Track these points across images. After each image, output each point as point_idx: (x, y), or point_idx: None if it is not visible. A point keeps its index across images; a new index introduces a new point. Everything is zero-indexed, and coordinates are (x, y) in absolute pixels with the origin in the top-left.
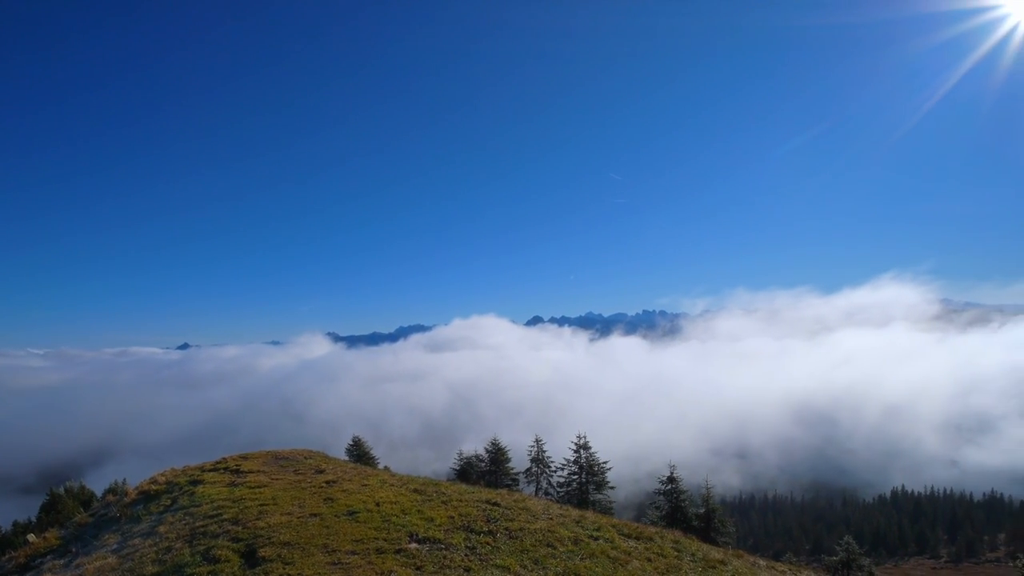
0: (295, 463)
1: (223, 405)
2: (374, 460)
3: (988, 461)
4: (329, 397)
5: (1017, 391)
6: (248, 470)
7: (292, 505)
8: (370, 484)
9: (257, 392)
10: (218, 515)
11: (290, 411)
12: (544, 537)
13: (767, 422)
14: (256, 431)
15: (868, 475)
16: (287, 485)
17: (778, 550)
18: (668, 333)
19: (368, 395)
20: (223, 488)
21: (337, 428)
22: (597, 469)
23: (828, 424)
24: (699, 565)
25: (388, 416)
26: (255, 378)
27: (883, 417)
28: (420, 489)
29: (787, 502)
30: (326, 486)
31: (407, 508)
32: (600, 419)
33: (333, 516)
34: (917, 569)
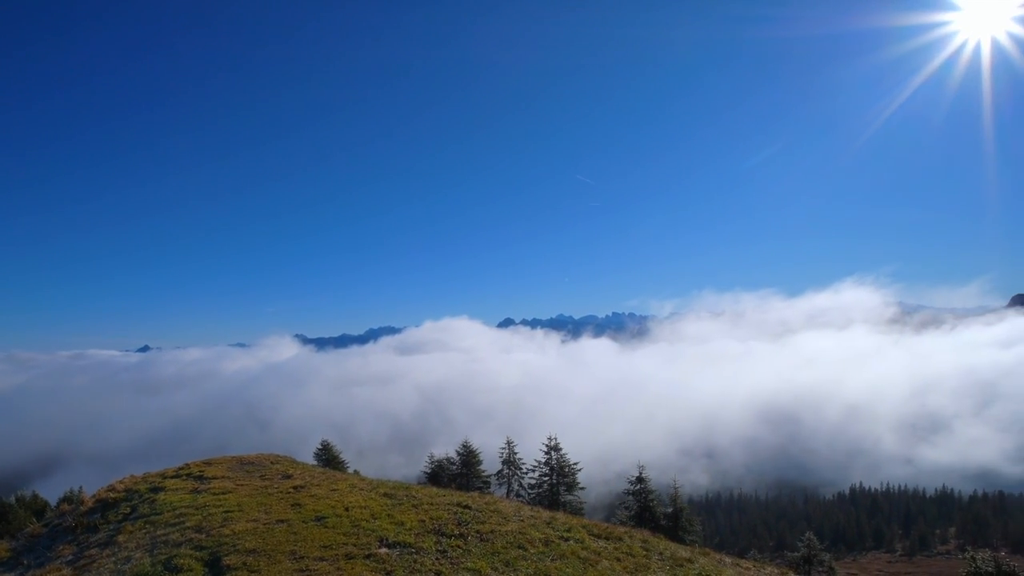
0: (261, 468)
1: (184, 410)
2: (343, 464)
3: (942, 459)
4: (296, 402)
5: (968, 391)
6: (212, 476)
7: (258, 511)
8: (339, 489)
9: (220, 397)
10: (180, 523)
11: (255, 417)
12: (515, 539)
13: (733, 422)
14: (218, 438)
15: (829, 473)
16: (253, 491)
17: (743, 547)
18: (637, 335)
19: (336, 399)
20: (186, 495)
21: (304, 434)
22: (568, 470)
23: (792, 424)
24: (667, 563)
25: (357, 421)
26: (218, 382)
27: (844, 417)
28: (390, 493)
29: (752, 500)
30: (294, 491)
31: (377, 512)
32: (571, 421)
33: (301, 522)
34: (874, 563)
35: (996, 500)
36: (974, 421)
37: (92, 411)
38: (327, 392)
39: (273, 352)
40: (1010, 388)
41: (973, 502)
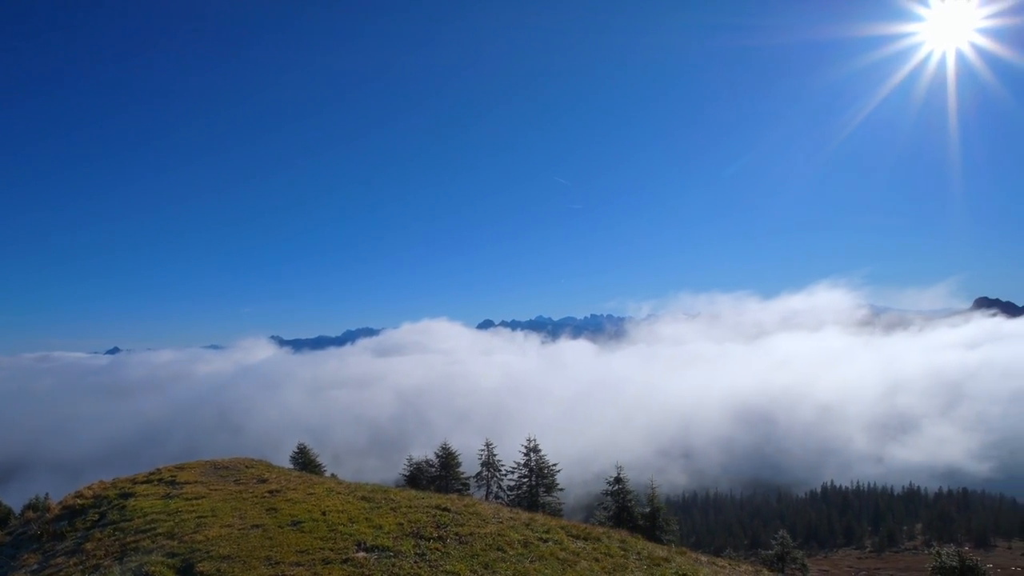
0: (236, 472)
1: (153, 415)
2: (320, 468)
3: (911, 458)
4: (270, 406)
5: (936, 391)
6: (185, 481)
7: (232, 516)
8: (316, 493)
9: (191, 401)
10: (151, 529)
11: (227, 421)
12: (494, 541)
13: (710, 423)
14: (188, 443)
15: (803, 472)
16: (227, 496)
17: (719, 546)
18: (615, 337)
19: (312, 403)
20: (157, 501)
21: (278, 439)
22: (547, 471)
23: (766, 424)
24: (645, 563)
25: (333, 425)
26: (190, 385)
27: (817, 417)
28: (368, 496)
29: (727, 499)
30: (269, 496)
31: (355, 516)
32: (550, 422)
33: (277, 527)
34: (845, 559)
35: (960, 497)
36: (941, 421)
37: (58, 415)
38: (303, 395)
39: (248, 354)
40: (975, 389)
41: (938, 499)
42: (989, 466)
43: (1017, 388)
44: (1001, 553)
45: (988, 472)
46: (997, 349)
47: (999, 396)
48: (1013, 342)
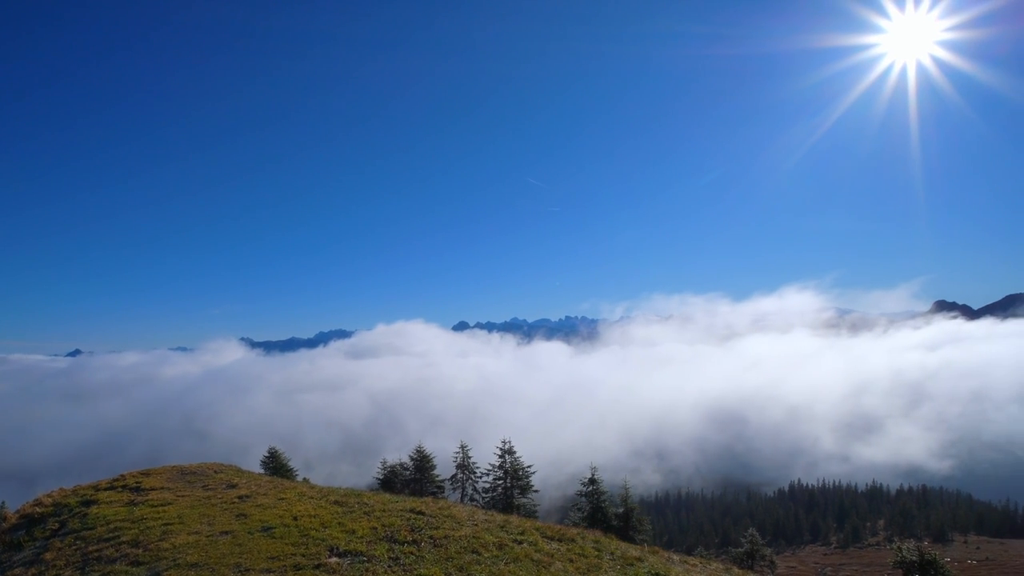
0: (204, 478)
1: (114, 420)
2: (292, 472)
3: (875, 456)
4: (238, 410)
5: (899, 392)
6: (150, 487)
7: (200, 523)
8: (287, 498)
9: (156, 405)
10: (115, 537)
11: (193, 427)
12: (469, 543)
13: (683, 424)
14: (151, 450)
15: (772, 471)
16: (195, 502)
17: (691, 544)
18: (589, 338)
19: (283, 407)
20: (121, 508)
21: (246, 445)
22: (522, 473)
23: (738, 424)
24: (618, 563)
25: (304, 429)
26: (155, 389)
27: (786, 417)
28: (341, 501)
29: (699, 499)
30: (239, 501)
31: (327, 521)
32: (525, 424)
33: (246, 533)
34: (811, 556)
35: (920, 494)
36: (904, 420)
37: (14, 420)
38: (273, 399)
39: (217, 356)
40: (935, 389)
41: (900, 496)
42: (949, 464)
43: (975, 388)
44: (958, 547)
45: (948, 470)
46: (956, 350)
47: (958, 396)
48: (971, 344)
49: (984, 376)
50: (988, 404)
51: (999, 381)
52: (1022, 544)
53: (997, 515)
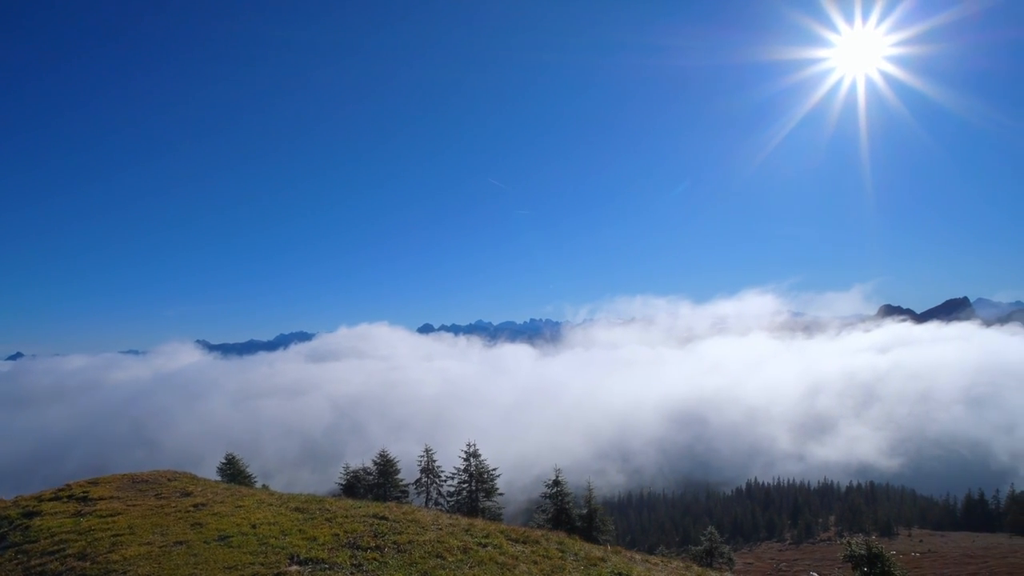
0: (157, 486)
1: (57, 428)
2: (251, 479)
3: (828, 456)
4: (191, 417)
5: (850, 392)
6: (99, 497)
7: (153, 533)
8: (245, 505)
9: (102, 411)
10: (60, 550)
11: (142, 435)
12: (433, 548)
13: (646, 425)
14: (95, 460)
15: (731, 471)
16: (147, 511)
17: (652, 544)
18: (554, 341)
19: (239, 414)
20: (66, 519)
21: (200, 454)
22: (487, 476)
23: (699, 425)
24: (582, 563)
25: (262, 437)
26: (102, 394)
27: (744, 418)
28: (302, 507)
29: (660, 498)
30: (194, 510)
31: (287, 528)
32: (491, 427)
33: (202, 542)
34: (767, 552)
35: (868, 490)
36: (855, 421)
37: None
38: (229, 405)
39: (171, 360)
40: (885, 390)
41: (849, 493)
42: (898, 462)
43: (922, 389)
44: (903, 540)
45: (897, 468)
46: (905, 353)
47: (906, 397)
48: (919, 346)
49: (930, 378)
50: (934, 404)
51: (944, 382)
52: (961, 536)
53: (939, 509)
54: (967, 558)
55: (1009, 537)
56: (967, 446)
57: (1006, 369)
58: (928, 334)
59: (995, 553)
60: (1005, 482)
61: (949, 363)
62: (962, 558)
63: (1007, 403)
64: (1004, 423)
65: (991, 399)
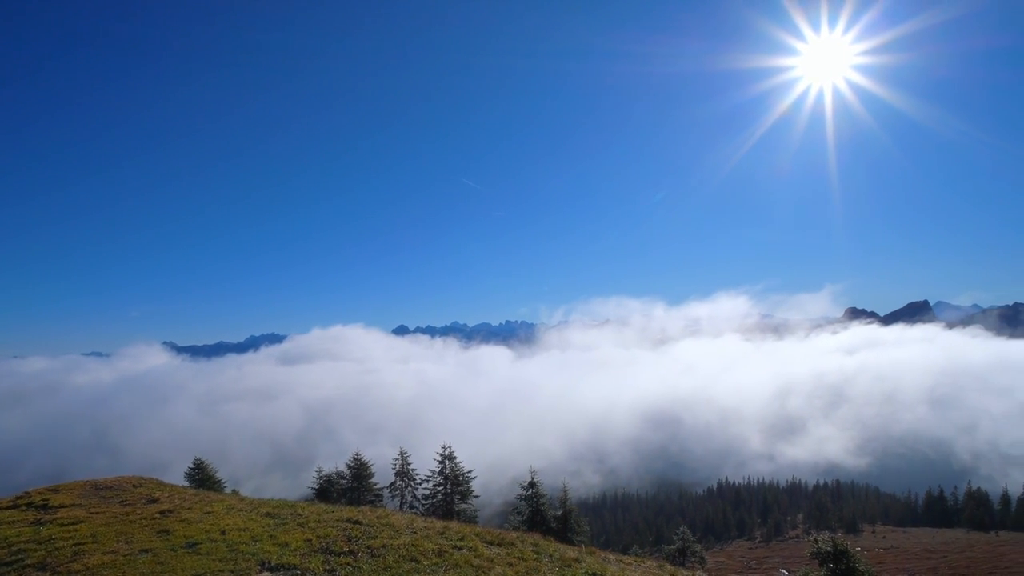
0: (122, 493)
1: (14, 434)
2: (220, 485)
3: (798, 455)
4: (156, 422)
5: (819, 393)
6: (59, 505)
7: (117, 542)
8: (214, 511)
9: (62, 416)
10: (18, 560)
11: (104, 441)
12: (408, 552)
13: (621, 426)
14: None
15: (704, 471)
16: (111, 519)
17: (627, 544)
18: (530, 343)
19: (207, 419)
20: (25, 528)
21: (166, 461)
22: (462, 479)
23: (673, 425)
24: (556, 565)
25: (231, 443)
26: (63, 398)
27: (717, 419)
28: (273, 512)
29: (634, 499)
30: (160, 516)
31: (258, 534)
32: (467, 430)
33: (169, 550)
34: (738, 550)
35: (834, 488)
36: (824, 421)
37: None
38: (196, 410)
39: (137, 362)
40: (853, 391)
41: (816, 491)
42: (865, 461)
43: (888, 390)
44: (867, 536)
45: (864, 467)
46: (871, 354)
47: (873, 398)
48: (885, 348)
49: (895, 379)
50: (899, 405)
51: (908, 383)
52: (922, 532)
53: (901, 506)
54: (927, 553)
55: (966, 532)
56: (930, 445)
57: (967, 370)
58: (893, 336)
59: (953, 548)
60: (966, 480)
61: (913, 365)
62: (923, 553)
63: (968, 403)
64: (965, 423)
65: (953, 400)
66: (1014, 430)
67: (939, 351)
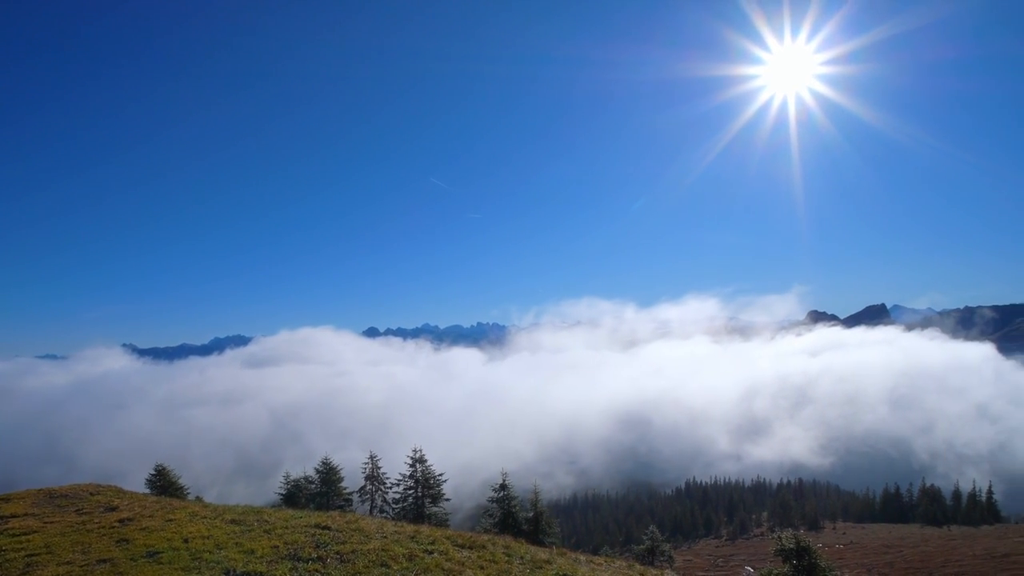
0: (78, 501)
1: None
2: (183, 491)
3: (764, 456)
4: (113, 430)
5: (784, 395)
6: (11, 514)
7: (73, 552)
8: (177, 519)
9: (11, 423)
10: None
11: (56, 450)
12: (378, 557)
13: (592, 427)
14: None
15: (673, 472)
16: (67, 528)
17: (597, 544)
18: (501, 345)
19: (167, 425)
20: None
21: (122, 471)
22: (433, 482)
23: (643, 427)
24: (527, 566)
25: (192, 451)
26: (12, 404)
27: (686, 420)
28: (238, 519)
29: (605, 499)
30: (119, 525)
31: (222, 542)
32: (438, 433)
33: (128, 560)
34: (705, 548)
35: (796, 486)
36: (789, 422)
37: None
38: (155, 415)
39: (94, 365)
40: (816, 393)
41: (780, 489)
42: (829, 460)
43: (850, 392)
44: (828, 532)
45: (828, 466)
46: (834, 357)
47: (836, 399)
48: (847, 350)
49: (857, 380)
50: (861, 406)
51: (870, 385)
52: (879, 527)
53: (859, 503)
54: (885, 548)
55: (921, 527)
56: (891, 444)
57: (925, 372)
58: (855, 338)
59: (909, 542)
60: (925, 477)
61: (874, 366)
62: (880, 548)
63: (926, 404)
64: (923, 423)
65: (912, 400)
66: (968, 430)
67: (899, 353)
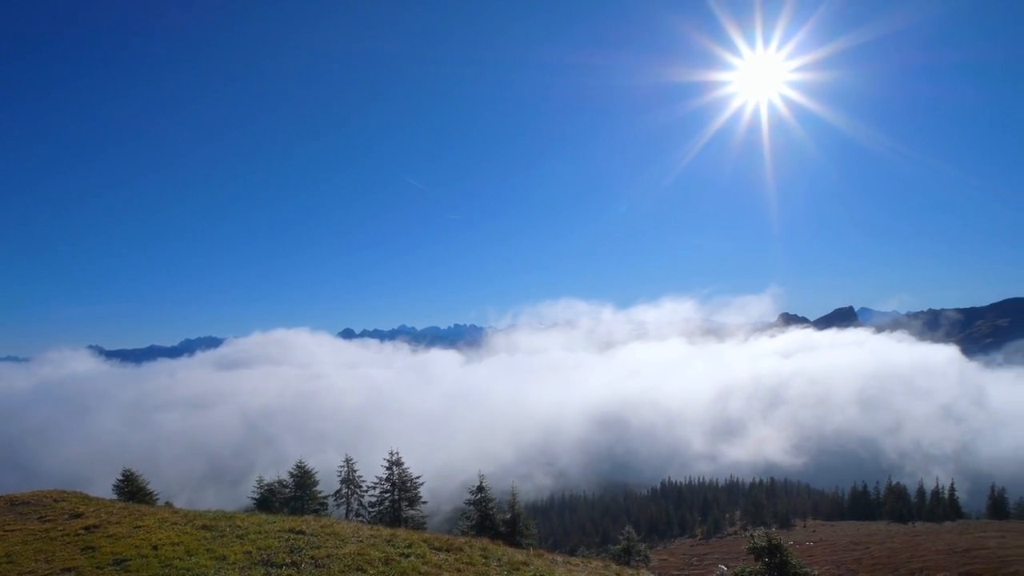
0: (41, 508)
1: None
2: (152, 497)
3: (738, 456)
4: (77, 435)
5: (758, 396)
6: None
7: (36, 561)
8: (146, 525)
9: None
10: None
11: (16, 457)
12: (353, 561)
13: (569, 429)
14: None
15: (649, 472)
16: (29, 536)
17: (574, 545)
18: (478, 346)
19: (134, 430)
20: None
21: (86, 479)
22: (410, 485)
23: (620, 427)
24: (505, 568)
25: (161, 456)
26: None
27: (662, 421)
28: (210, 525)
29: (582, 500)
30: (85, 532)
31: (193, 548)
32: (415, 435)
33: (94, 568)
34: (680, 548)
35: (769, 485)
36: (762, 423)
37: None
38: (122, 420)
39: (58, 368)
40: (788, 394)
41: (752, 488)
42: (802, 460)
43: (822, 393)
44: (798, 531)
45: (801, 465)
46: (806, 358)
47: (808, 400)
48: (819, 352)
49: (828, 381)
50: (831, 406)
51: (840, 386)
52: (848, 525)
53: (829, 501)
54: (853, 544)
55: (887, 524)
56: (861, 444)
57: (893, 374)
58: (826, 340)
59: (876, 539)
60: (893, 476)
61: (844, 368)
62: (849, 545)
63: (894, 405)
64: (891, 423)
65: (880, 401)
66: (933, 430)
67: (868, 355)
